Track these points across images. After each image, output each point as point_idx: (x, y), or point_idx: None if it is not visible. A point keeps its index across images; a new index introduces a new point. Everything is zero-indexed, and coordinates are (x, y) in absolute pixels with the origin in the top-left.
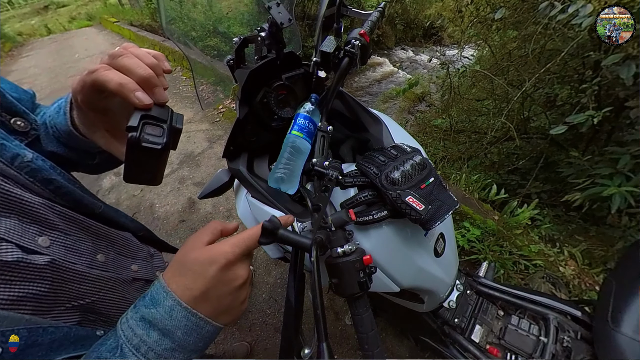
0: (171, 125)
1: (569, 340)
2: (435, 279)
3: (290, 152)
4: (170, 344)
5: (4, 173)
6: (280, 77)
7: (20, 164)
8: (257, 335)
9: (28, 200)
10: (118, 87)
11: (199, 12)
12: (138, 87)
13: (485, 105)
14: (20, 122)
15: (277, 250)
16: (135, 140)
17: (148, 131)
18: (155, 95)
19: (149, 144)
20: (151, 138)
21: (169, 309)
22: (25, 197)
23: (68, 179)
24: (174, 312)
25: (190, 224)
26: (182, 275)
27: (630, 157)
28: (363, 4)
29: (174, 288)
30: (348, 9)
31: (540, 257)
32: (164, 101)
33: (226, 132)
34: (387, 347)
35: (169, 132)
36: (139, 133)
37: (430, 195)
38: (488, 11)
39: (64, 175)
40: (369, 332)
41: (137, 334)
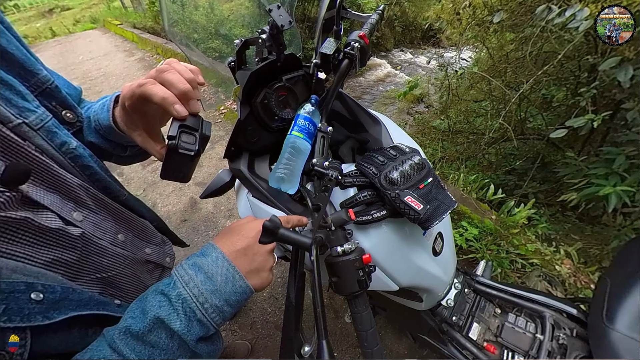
0: (202, 133)
1: (564, 337)
2: (434, 278)
3: (290, 152)
4: (211, 286)
5: (52, 156)
6: (280, 78)
7: (67, 150)
8: (258, 332)
9: (69, 180)
10: (161, 100)
11: (200, 14)
12: (177, 101)
13: (483, 107)
14: (69, 114)
15: (277, 249)
16: (174, 147)
17: (183, 139)
18: (190, 106)
19: (184, 150)
20: (186, 145)
21: (215, 259)
22: (67, 177)
23: (102, 167)
24: (218, 262)
25: (192, 223)
26: (229, 237)
27: (625, 157)
28: (362, 6)
29: (220, 245)
30: (348, 12)
31: (537, 256)
32: (197, 112)
33: (227, 133)
34: (386, 344)
35: (201, 140)
36: (177, 141)
37: (429, 195)
38: (486, 14)
39: (99, 164)
40: (368, 329)
41: (189, 273)
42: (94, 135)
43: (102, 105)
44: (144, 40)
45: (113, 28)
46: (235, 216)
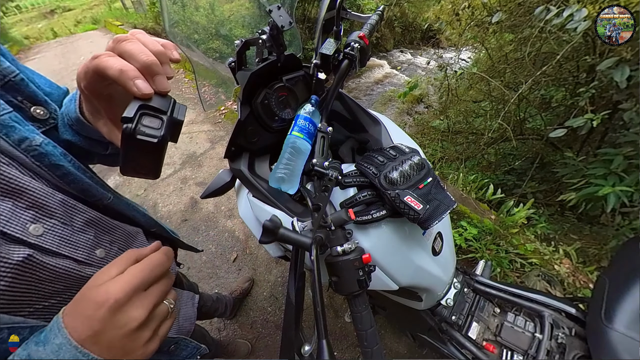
0: (172, 117)
1: (563, 336)
2: (433, 277)
3: (290, 152)
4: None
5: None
6: (280, 79)
7: (28, 147)
8: (258, 332)
9: (25, 184)
10: (118, 73)
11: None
12: (139, 75)
13: (482, 107)
14: (40, 110)
15: (278, 249)
16: (130, 132)
17: (145, 122)
18: (156, 83)
19: (144, 136)
20: (148, 130)
21: (57, 348)
22: (23, 180)
23: (78, 167)
24: (61, 352)
25: (193, 223)
26: (77, 312)
27: (624, 157)
28: (362, 7)
29: (67, 323)
30: (347, 12)
31: (536, 255)
32: (165, 91)
33: (228, 133)
34: (386, 344)
35: (169, 125)
36: (134, 124)
37: (428, 195)
38: (485, 15)
39: (74, 163)
40: (368, 329)
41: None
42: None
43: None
44: None
45: (114, 29)
46: (235, 216)
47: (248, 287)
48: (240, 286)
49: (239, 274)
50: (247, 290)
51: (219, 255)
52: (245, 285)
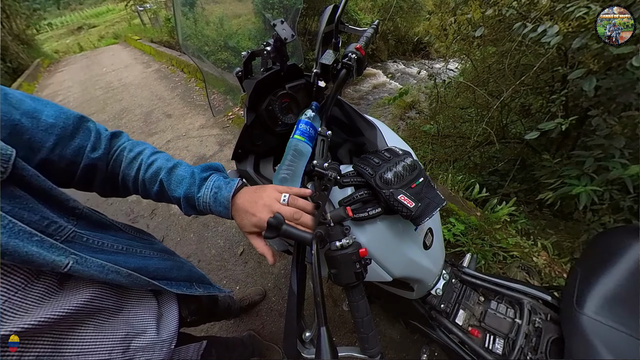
0: None
1: (540, 321)
2: (424, 269)
3: (293, 154)
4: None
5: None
6: (284, 86)
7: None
8: (263, 320)
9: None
10: None
11: (211, 29)
12: None
13: (468, 113)
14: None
15: (281, 243)
16: None
17: None
18: None
19: None
20: None
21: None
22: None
23: None
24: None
25: (203, 219)
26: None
27: (594, 160)
28: (359, 21)
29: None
30: (345, 26)
31: (517, 248)
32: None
33: (235, 137)
34: (381, 330)
35: None
36: None
37: (420, 194)
38: (469, 29)
39: None
40: (364, 317)
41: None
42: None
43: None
44: (160, 53)
45: (133, 43)
46: None
47: (258, 300)
48: (251, 298)
49: (245, 267)
50: (257, 303)
51: (227, 249)
52: (256, 298)
